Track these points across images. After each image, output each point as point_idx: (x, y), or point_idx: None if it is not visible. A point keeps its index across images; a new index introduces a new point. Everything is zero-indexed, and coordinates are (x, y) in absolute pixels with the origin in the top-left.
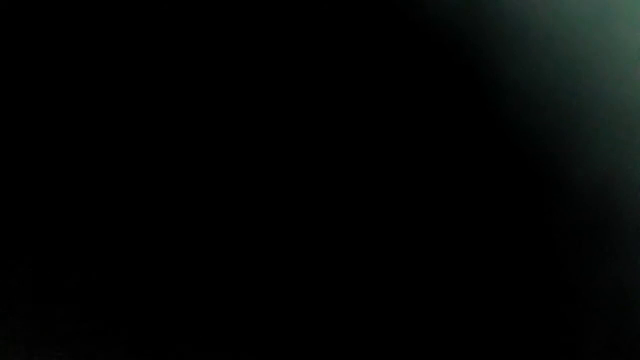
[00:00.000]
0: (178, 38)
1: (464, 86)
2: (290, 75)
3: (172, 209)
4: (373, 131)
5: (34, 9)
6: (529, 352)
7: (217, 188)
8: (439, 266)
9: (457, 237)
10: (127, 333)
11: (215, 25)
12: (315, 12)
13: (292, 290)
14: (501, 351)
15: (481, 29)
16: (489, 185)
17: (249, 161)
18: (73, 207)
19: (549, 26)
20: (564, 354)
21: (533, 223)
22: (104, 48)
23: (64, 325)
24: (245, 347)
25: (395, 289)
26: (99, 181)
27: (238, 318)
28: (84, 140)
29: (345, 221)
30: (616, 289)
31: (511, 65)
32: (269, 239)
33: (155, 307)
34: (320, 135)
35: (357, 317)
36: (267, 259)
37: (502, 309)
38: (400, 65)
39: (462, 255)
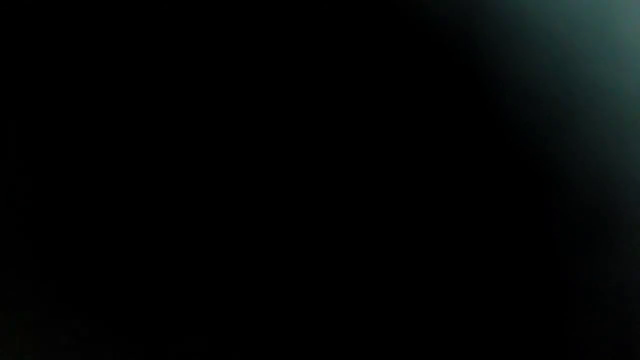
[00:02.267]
0: (178, 38)
1: (464, 85)
2: (289, 75)
3: (171, 209)
4: (372, 129)
5: (34, 9)
6: (529, 352)
7: (217, 188)
8: (436, 265)
9: (455, 234)
10: (127, 333)
11: (215, 25)
12: (315, 11)
13: (292, 290)
14: (500, 351)
15: (481, 28)
16: (487, 183)
17: (249, 161)
18: (73, 207)
19: (549, 25)
20: (564, 354)
21: (532, 221)
22: (104, 48)
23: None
24: (245, 347)
25: (393, 287)
26: (98, 181)
27: (238, 318)
28: (84, 140)
29: (342, 218)
30: (616, 288)
31: (511, 64)
32: (269, 239)
33: (155, 307)
34: (320, 134)
35: (357, 317)
36: (267, 259)
37: (500, 308)
38: (400, 63)
39: (460, 254)
